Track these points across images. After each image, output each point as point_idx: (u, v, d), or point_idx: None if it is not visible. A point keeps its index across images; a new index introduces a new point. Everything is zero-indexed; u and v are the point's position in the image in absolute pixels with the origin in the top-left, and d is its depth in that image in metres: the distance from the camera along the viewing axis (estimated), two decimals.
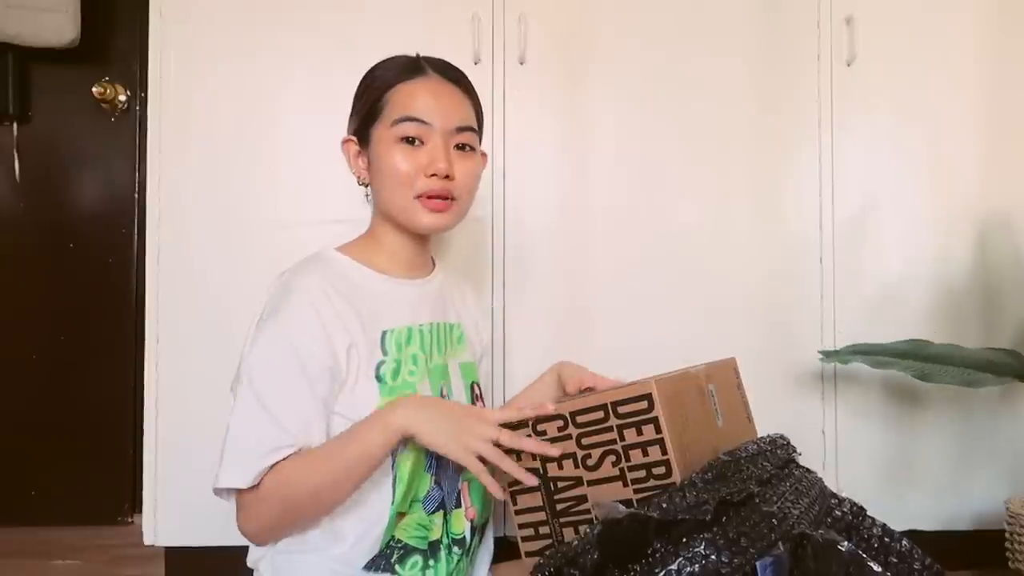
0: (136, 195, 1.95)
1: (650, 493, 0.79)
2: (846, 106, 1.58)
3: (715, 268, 1.56)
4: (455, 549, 0.97)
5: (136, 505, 1.87)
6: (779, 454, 0.89)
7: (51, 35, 1.79)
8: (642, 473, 0.80)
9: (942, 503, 1.60)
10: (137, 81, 1.94)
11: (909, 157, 1.60)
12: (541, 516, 0.87)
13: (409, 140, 0.94)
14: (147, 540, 1.46)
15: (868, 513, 0.85)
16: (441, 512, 0.95)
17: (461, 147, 0.97)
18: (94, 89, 1.90)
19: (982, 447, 1.61)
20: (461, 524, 0.98)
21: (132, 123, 1.96)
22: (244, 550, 0.97)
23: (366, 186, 1.02)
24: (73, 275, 1.94)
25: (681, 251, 1.56)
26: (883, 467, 1.59)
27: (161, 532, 1.45)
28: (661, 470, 0.79)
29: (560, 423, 0.84)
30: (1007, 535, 1.47)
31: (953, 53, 1.61)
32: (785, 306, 1.57)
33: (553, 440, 0.85)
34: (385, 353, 0.93)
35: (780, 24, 1.59)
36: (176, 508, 1.44)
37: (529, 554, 0.88)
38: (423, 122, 0.94)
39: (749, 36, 1.58)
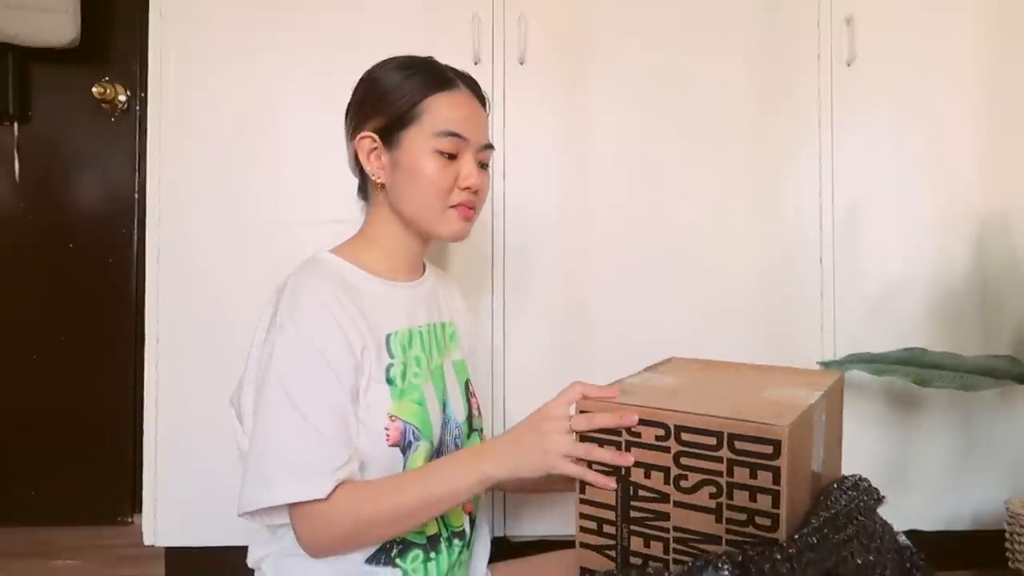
0: (136, 195, 1.95)
1: (746, 539, 0.74)
2: (846, 106, 1.58)
3: (715, 268, 1.56)
4: (455, 541, 0.98)
5: (136, 505, 1.88)
6: (868, 503, 0.84)
7: (51, 35, 1.79)
8: (742, 516, 0.74)
9: (942, 503, 1.60)
10: (137, 81, 1.94)
11: (909, 157, 1.60)
12: (610, 515, 0.82)
13: (447, 154, 0.96)
14: (147, 540, 1.45)
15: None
16: None
17: (482, 164, 1.01)
18: (94, 89, 1.90)
19: (982, 448, 1.61)
20: (460, 517, 0.99)
21: (132, 123, 1.96)
22: (244, 550, 0.97)
23: (370, 183, 1.01)
24: (73, 275, 1.94)
25: (681, 251, 1.56)
26: (883, 467, 1.59)
27: (161, 532, 1.45)
28: (766, 522, 0.72)
29: (660, 432, 0.78)
30: (1007, 535, 1.47)
31: (953, 53, 1.61)
32: (785, 306, 1.57)
33: (648, 447, 0.79)
34: (392, 356, 0.94)
35: (780, 24, 1.59)
36: (176, 508, 1.44)
37: (585, 546, 0.84)
38: (463, 138, 0.97)
39: (749, 36, 1.58)
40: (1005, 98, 1.62)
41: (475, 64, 1.49)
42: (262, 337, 0.90)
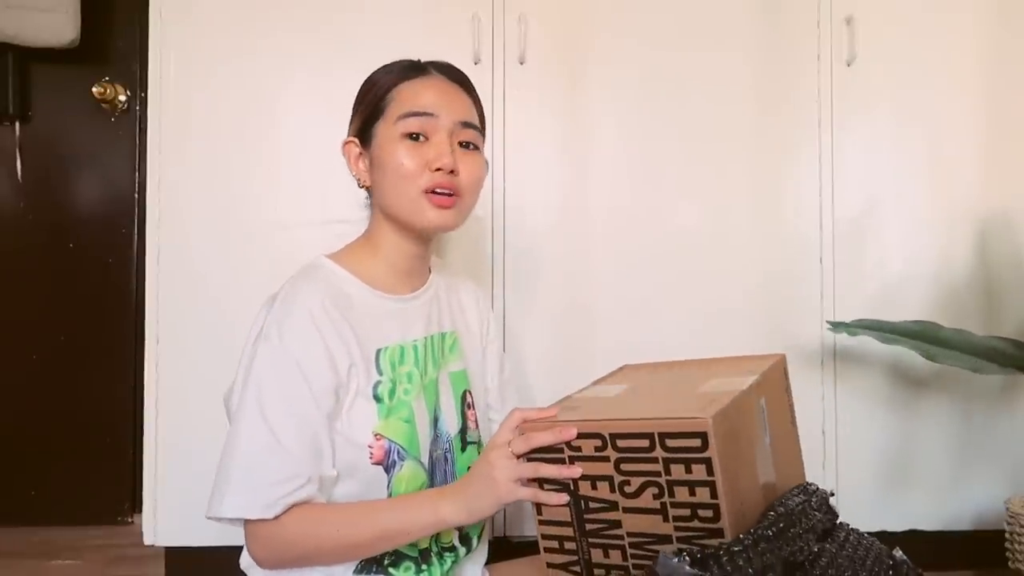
0: (136, 195, 1.95)
1: (693, 534, 0.74)
2: (846, 106, 1.58)
3: (715, 268, 1.56)
4: (447, 555, 0.96)
5: (136, 505, 1.88)
6: (820, 498, 0.85)
7: (51, 35, 1.79)
8: (686, 512, 0.74)
9: (942, 503, 1.60)
10: (137, 81, 1.94)
11: (909, 157, 1.60)
12: (568, 532, 0.82)
13: (414, 136, 0.92)
14: (147, 540, 1.46)
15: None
16: None
17: (465, 145, 0.95)
18: (94, 89, 1.90)
19: (982, 447, 1.61)
20: (449, 534, 0.97)
21: (132, 123, 1.96)
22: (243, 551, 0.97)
23: (367, 189, 1.00)
24: (73, 275, 1.94)
25: (681, 251, 1.56)
26: (883, 467, 1.59)
27: (161, 532, 1.45)
28: (708, 513, 0.73)
29: (598, 443, 0.78)
30: (1007, 535, 1.47)
31: (953, 53, 1.61)
32: (785, 306, 1.57)
33: (589, 459, 0.78)
34: (380, 372, 0.92)
35: (780, 24, 1.59)
36: (176, 508, 1.44)
37: (552, 565, 0.84)
38: (428, 115, 0.92)
39: (749, 36, 1.58)
40: (1005, 98, 1.62)
41: (475, 64, 1.49)
42: (252, 339, 0.89)
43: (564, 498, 0.81)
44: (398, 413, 0.91)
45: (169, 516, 1.45)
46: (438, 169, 0.91)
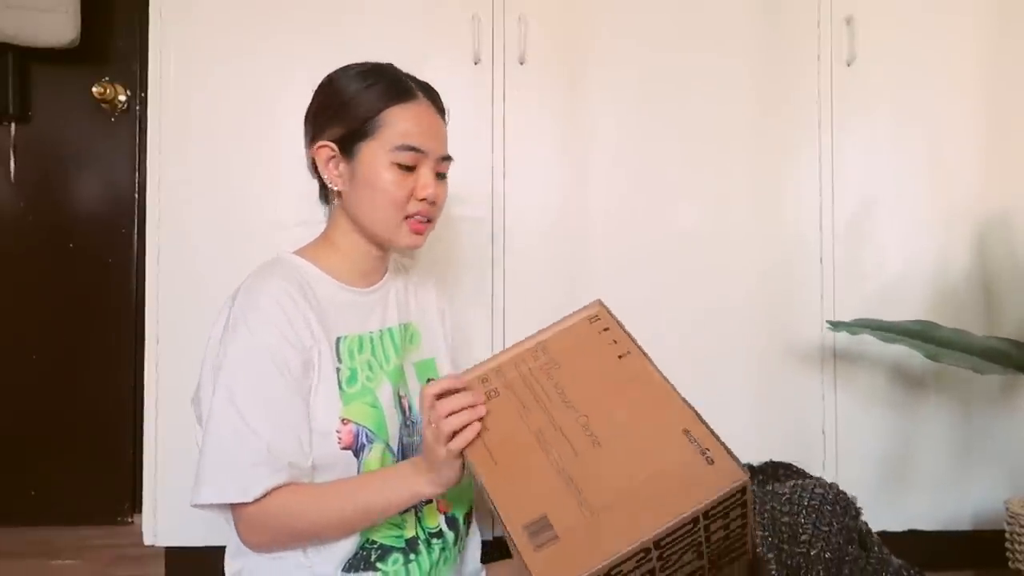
0: (136, 195, 1.95)
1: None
2: (846, 106, 1.58)
3: (715, 268, 1.56)
4: (434, 542, 0.98)
5: (136, 505, 1.88)
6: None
7: (51, 35, 1.79)
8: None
9: (942, 503, 1.60)
10: (137, 81, 1.94)
11: (909, 157, 1.60)
12: None
13: (405, 166, 0.97)
14: (147, 540, 1.46)
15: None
16: (412, 509, 0.96)
17: (440, 175, 1.02)
18: (94, 89, 1.90)
19: (982, 447, 1.61)
20: (435, 518, 0.99)
21: (132, 123, 1.96)
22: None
23: (329, 190, 1.02)
24: (73, 275, 1.94)
25: (681, 251, 1.56)
26: (883, 467, 1.59)
27: (161, 532, 1.45)
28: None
29: (640, 555, 0.72)
30: (1007, 535, 1.47)
31: (953, 53, 1.61)
32: (785, 306, 1.57)
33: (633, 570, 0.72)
34: (340, 360, 0.95)
35: (780, 24, 1.59)
36: (176, 508, 1.44)
37: None
38: (421, 152, 0.97)
39: (749, 36, 1.58)
40: (1005, 99, 1.62)
41: (475, 64, 1.49)
42: (217, 338, 0.92)
43: (482, 397, 0.85)
44: (362, 399, 0.94)
45: (169, 516, 1.45)
46: (423, 199, 0.98)
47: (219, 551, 0.98)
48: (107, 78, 1.93)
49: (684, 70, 1.57)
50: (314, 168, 1.02)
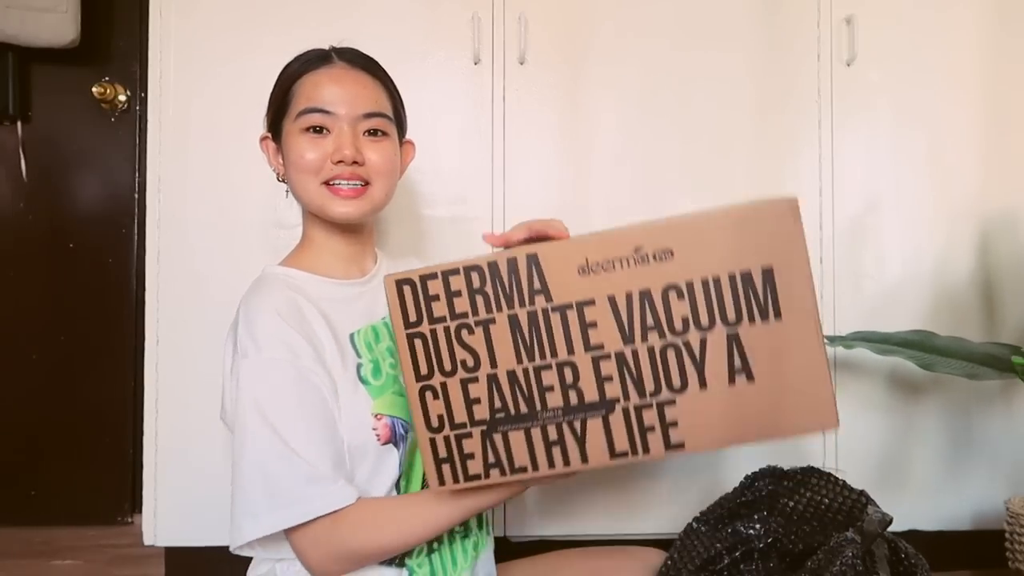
0: (136, 195, 1.95)
1: None
2: (846, 106, 1.58)
3: None
4: (457, 529, 0.96)
5: (136, 505, 1.87)
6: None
7: (51, 35, 1.78)
8: None
9: (942, 503, 1.60)
10: (137, 81, 1.94)
11: (909, 157, 1.60)
12: None
13: (316, 130, 0.93)
14: (147, 540, 1.46)
15: None
16: None
17: (373, 132, 0.95)
18: (94, 89, 1.90)
19: (982, 447, 1.61)
20: None
21: (132, 123, 1.96)
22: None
23: (284, 183, 1.01)
24: (73, 275, 1.94)
25: None
26: (882, 467, 1.59)
27: (161, 532, 1.45)
28: None
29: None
30: (1007, 535, 1.47)
31: (953, 53, 1.61)
32: None
33: None
34: (359, 355, 0.92)
35: (780, 24, 1.59)
36: (176, 508, 1.44)
37: None
38: (327, 112, 0.92)
39: (749, 36, 1.58)
40: (1005, 98, 1.62)
41: (475, 64, 1.49)
42: (229, 367, 0.89)
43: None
44: (391, 388, 0.92)
45: (169, 516, 1.45)
46: (340, 161, 0.91)
47: (219, 551, 0.98)
48: (107, 78, 1.93)
49: (684, 70, 1.56)
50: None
